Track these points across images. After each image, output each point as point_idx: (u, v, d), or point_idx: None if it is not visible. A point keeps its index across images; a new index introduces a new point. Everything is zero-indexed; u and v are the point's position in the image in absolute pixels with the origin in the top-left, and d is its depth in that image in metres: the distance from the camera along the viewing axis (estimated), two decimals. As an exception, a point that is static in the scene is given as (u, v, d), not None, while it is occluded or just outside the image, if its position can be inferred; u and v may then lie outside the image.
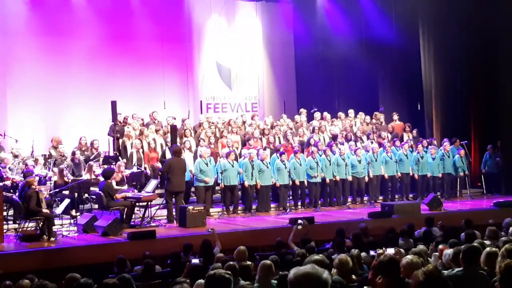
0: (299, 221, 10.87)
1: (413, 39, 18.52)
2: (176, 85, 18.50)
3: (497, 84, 17.35)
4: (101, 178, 12.84)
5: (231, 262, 6.86)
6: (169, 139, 14.89)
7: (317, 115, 17.34)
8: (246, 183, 14.05)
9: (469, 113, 18.09)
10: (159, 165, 14.46)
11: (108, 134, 15.54)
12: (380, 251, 7.18)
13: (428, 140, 16.75)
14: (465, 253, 5.74)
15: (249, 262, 7.53)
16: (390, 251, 7.00)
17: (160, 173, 14.28)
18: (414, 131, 17.36)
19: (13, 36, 16.40)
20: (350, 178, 15.13)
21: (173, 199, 13.21)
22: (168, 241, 10.90)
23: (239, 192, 14.33)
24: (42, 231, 11.12)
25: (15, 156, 13.73)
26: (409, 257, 5.37)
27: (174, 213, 13.03)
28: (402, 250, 7.38)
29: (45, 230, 11.07)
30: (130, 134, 15.03)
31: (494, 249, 6.11)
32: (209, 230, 10.45)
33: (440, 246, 7.61)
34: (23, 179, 12.26)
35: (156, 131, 15.46)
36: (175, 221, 12.83)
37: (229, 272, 4.60)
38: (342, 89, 20.30)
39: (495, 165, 16.84)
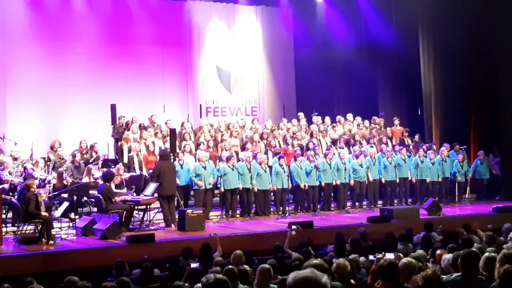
0: (293, 226, 10.86)
1: (412, 43, 18.53)
2: (175, 88, 18.51)
3: (497, 89, 17.37)
4: (100, 181, 12.82)
5: (230, 266, 6.85)
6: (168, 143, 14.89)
7: (317, 119, 17.33)
8: (241, 186, 14.02)
9: (468, 118, 18.09)
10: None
11: (112, 136, 15.48)
12: (380, 255, 7.17)
13: (427, 145, 16.75)
14: (464, 258, 5.74)
15: (246, 266, 7.52)
16: (390, 256, 6.98)
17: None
18: (416, 136, 17.36)
19: (13, 39, 16.41)
20: (352, 182, 15.15)
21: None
22: (167, 245, 10.90)
23: (238, 196, 14.31)
24: (41, 234, 11.11)
25: (15, 159, 13.72)
26: (406, 259, 5.36)
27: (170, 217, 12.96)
28: (401, 255, 7.37)
29: (44, 233, 11.06)
30: (128, 137, 15.00)
31: (493, 254, 6.11)
32: (212, 235, 10.43)
33: (438, 251, 7.60)
34: (22, 181, 12.24)
35: (155, 134, 15.46)
36: (172, 225, 12.79)
37: (223, 275, 4.63)
38: (342, 93, 20.33)
39: (486, 171, 16.73)
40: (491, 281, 5.48)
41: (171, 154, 13.72)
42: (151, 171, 13.74)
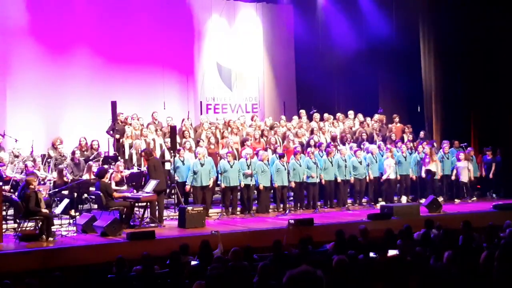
0: (291, 221, 10.86)
1: (413, 41, 18.53)
2: (176, 85, 18.50)
3: (497, 86, 17.36)
4: (99, 178, 12.83)
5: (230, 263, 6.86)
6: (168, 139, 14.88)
7: (316, 116, 17.31)
8: (243, 184, 14.02)
9: (469, 115, 18.08)
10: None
11: (107, 132, 15.46)
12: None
13: (428, 142, 16.72)
14: (464, 255, 5.76)
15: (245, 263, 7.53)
16: (392, 253, 6.99)
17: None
18: (422, 133, 17.30)
19: (13, 36, 16.40)
20: (352, 179, 15.14)
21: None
22: (167, 242, 10.91)
23: (238, 193, 14.31)
24: (41, 231, 11.12)
25: (16, 156, 13.73)
26: None
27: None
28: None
29: (44, 230, 11.07)
30: (129, 134, 14.99)
31: (492, 251, 6.11)
32: (214, 232, 10.41)
33: None
34: (23, 178, 12.25)
35: (156, 131, 15.46)
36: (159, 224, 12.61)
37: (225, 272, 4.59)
38: (342, 90, 20.32)
39: (475, 170, 16.38)
40: (489, 277, 5.50)
41: (173, 151, 13.72)
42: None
